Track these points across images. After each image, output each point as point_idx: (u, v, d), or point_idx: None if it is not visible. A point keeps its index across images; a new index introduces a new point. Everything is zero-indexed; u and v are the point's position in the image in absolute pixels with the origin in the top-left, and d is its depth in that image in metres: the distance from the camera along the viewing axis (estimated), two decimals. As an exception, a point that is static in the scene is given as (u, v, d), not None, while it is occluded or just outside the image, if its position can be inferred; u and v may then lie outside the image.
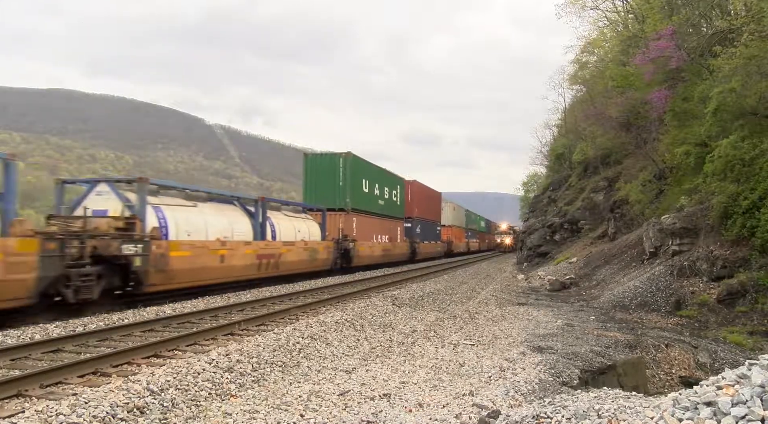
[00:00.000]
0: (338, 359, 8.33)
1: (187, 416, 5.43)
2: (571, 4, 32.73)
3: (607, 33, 34.98)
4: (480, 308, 14.80)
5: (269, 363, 7.50)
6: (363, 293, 15.95)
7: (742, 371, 4.15)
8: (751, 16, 16.83)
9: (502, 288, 21.40)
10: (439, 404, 6.12)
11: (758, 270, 14.33)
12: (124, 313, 11.13)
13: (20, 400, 5.51)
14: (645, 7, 25.76)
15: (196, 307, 12.12)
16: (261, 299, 13.60)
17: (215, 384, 6.38)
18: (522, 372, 7.72)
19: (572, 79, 43.52)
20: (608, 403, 4.95)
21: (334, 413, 5.64)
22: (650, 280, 16.65)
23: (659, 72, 21.36)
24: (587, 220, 31.16)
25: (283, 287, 17.14)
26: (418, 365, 8.08)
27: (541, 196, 47.07)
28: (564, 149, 44.98)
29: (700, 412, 3.73)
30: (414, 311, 13.50)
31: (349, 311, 12.02)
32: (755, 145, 15.30)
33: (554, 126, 57.32)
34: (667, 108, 21.05)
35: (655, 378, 10.55)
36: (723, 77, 16.92)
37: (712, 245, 16.03)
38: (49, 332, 9.02)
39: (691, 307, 14.71)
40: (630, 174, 26.95)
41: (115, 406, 5.19)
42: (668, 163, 22.15)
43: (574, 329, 12.11)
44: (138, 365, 7.03)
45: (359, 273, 24.12)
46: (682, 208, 18.31)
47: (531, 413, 4.87)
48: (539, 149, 63.38)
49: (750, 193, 14.96)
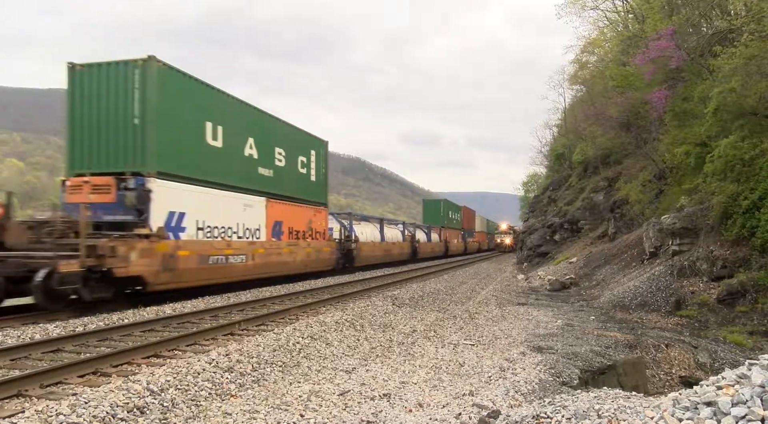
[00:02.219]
0: (338, 359, 8.33)
1: (187, 416, 5.43)
2: (571, 4, 32.79)
3: (607, 33, 35.02)
4: (480, 308, 14.80)
5: (269, 363, 7.51)
6: (363, 293, 15.95)
7: (742, 371, 4.15)
8: (751, 16, 16.84)
9: (502, 288, 21.40)
10: (439, 404, 6.12)
11: (758, 270, 14.33)
12: (124, 313, 11.13)
13: (20, 400, 5.51)
14: (645, 7, 25.76)
15: (196, 307, 12.12)
16: (261, 299, 13.60)
17: (215, 384, 6.38)
18: (522, 372, 7.72)
19: (572, 79, 43.61)
20: (608, 403, 4.95)
21: (334, 413, 5.63)
22: (650, 280, 16.65)
23: (659, 72, 21.36)
24: (587, 220, 31.16)
25: (283, 287, 17.15)
26: (418, 365, 8.08)
27: (541, 196, 47.06)
28: (564, 149, 45.01)
29: (700, 412, 3.73)
30: (414, 311, 13.50)
31: (349, 311, 12.02)
32: (755, 145, 15.30)
33: (554, 126, 57.44)
34: (667, 108, 21.05)
35: (655, 378, 10.55)
36: (723, 77, 16.91)
37: (712, 245, 16.03)
38: (49, 332, 9.02)
39: (691, 307, 14.71)
40: (630, 174, 26.95)
41: (115, 406, 5.19)
42: (668, 163, 22.16)
43: (574, 329, 12.11)
44: (138, 365, 7.03)
45: (359, 273, 24.37)
46: (682, 208, 18.31)
47: (531, 413, 4.88)
48: (539, 149, 63.57)
49: (750, 193, 14.96)
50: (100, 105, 12.91)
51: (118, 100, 12.78)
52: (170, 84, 13.31)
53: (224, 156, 15.46)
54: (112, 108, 12.84)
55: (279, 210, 18.43)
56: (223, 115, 15.44)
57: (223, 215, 15.19)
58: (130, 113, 12.72)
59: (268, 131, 18.18)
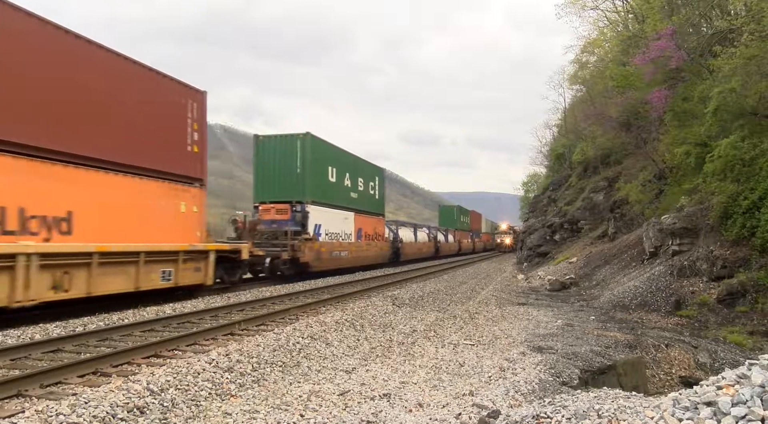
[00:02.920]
0: (338, 359, 8.33)
1: (187, 416, 5.43)
2: (571, 4, 32.79)
3: (607, 33, 35.01)
4: (480, 307, 14.79)
5: (269, 363, 7.50)
6: (363, 293, 15.95)
7: (742, 371, 4.15)
8: (751, 16, 16.83)
9: (502, 288, 21.40)
10: (439, 404, 6.12)
11: (758, 270, 14.33)
12: (124, 313, 11.13)
13: (20, 400, 5.51)
14: (645, 7, 25.75)
15: (196, 307, 12.13)
16: (261, 298, 13.60)
17: (215, 384, 6.38)
18: (522, 372, 7.72)
19: (572, 79, 43.62)
20: (608, 403, 4.95)
21: (334, 413, 5.63)
22: (650, 280, 16.65)
23: (659, 72, 21.35)
24: (587, 220, 31.15)
25: (283, 287, 17.16)
26: (418, 365, 8.08)
27: (541, 196, 47.06)
28: (564, 149, 45.00)
29: (700, 412, 3.73)
30: (414, 311, 13.50)
31: (349, 311, 12.02)
32: (755, 145, 15.29)
33: (554, 126, 57.44)
34: (667, 108, 21.04)
35: (655, 378, 10.55)
36: (723, 77, 16.91)
37: (712, 245, 16.03)
38: (49, 332, 9.02)
39: (691, 307, 14.70)
40: (630, 174, 26.94)
41: (115, 406, 5.19)
42: (668, 163, 22.15)
43: (574, 329, 12.11)
44: (138, 365, 7.03)
45: (359, 273, 24.44)
46: (682, 208, 18.31)
47: (531, 413, 4.88)
48: (539, 149, 63.57)
49: (750, 193, 14.96)
50: (276, 159, 21.62)
51: (287, 157, 21.41)
52: (315, 147, 22.00)
53: (336, 187, 24.03)
54: (284, 162, 21.45)
55: (360, 221, 26.71)
56: (335, 160, 23.89)
57: (336, 225, 23.65)
58: (294, 165, 21.32)
59: (355, 166, 26.46)
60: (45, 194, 10.02)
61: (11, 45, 9.54)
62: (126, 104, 12.13)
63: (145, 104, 12.63)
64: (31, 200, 9.74)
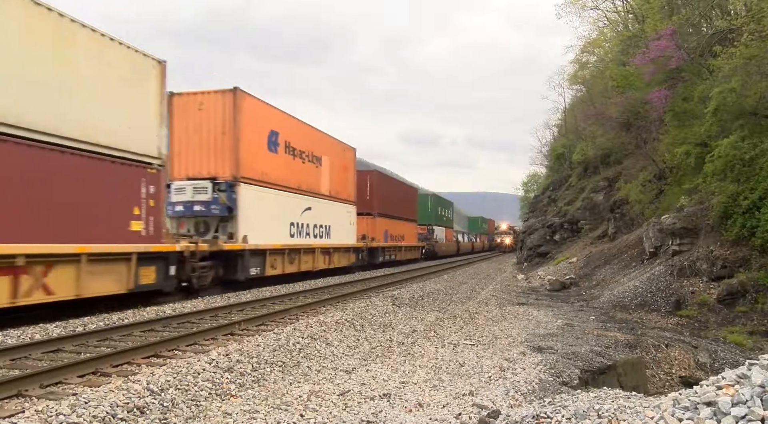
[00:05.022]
0: (338, 359, 8.33)
1: (187, 416, 5.43)
2: (571, 4, 32.81)
3: (607, 33, 35.02)
4: (480, 308, 14.79)
5: (269, 363, 7.50)
6: (363, 293, 15.96)
7: (742, 371, 4.15)
8: (751, 16, 16.83)
9: (502, 288, 21.40)
10: (439, 404, 6.11)
11: (758, 270, 14.33)
12: (124, 313, 11.13)
13: (20, 400, 5.51)
14: (645, 7, 25.74)
15: (196, 307, 12.13)
16: (261, 298, 13.60)
17: (215, 384, 6.38)
18: (522, 372, 7.71)
19: (572, 79, 43.63)
20: (608, 403, 4.95)
21: (334, 413, 5.63)
22: (650, 280, 16.64)
23: (659, 72, 21.34)
24: (587, 220, 31.14)
25: (283, 287, 17.16)
26: (418, 365, 8.08)
27: (541, 196, 47.05)
28: (564, 149, 44.99)
29: (700, 412, 3.73)
30: (414, 311, 13.50)
31: (349, 311, 12.02)
32: (755, 145, 15.28)
33: (554, 126, 57.46)
34: (667, 108, 21.03)
35: (655, 378, 10.55)
36: (723, 77, 16.90)
37: (712, 245, 16.03)
38: (49, 332, 9.02)
39: (691, 307, 14.70)
40: (630, 174, 26.92)
41: (115, 406, 5.19)
42: (668, 163, 22.13)
43: (574, 329, 12.11)
44: (138, 365, 7.02)
45: (359, 273, 24.37)
46: (682, 208, 18.30)
47: (531, 413, 4.88)
48: (539, 149, 63.59)
49: (750, 193, 14.95)
50: (423, 204, 43.23)
51: (424, 203, 43.76)
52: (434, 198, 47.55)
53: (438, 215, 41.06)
54: (424, 205, 43.41)
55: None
56: (439, 202, 40.52)
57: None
58: (427, 207, 44.15)
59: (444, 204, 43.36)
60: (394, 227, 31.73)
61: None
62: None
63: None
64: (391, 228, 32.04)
